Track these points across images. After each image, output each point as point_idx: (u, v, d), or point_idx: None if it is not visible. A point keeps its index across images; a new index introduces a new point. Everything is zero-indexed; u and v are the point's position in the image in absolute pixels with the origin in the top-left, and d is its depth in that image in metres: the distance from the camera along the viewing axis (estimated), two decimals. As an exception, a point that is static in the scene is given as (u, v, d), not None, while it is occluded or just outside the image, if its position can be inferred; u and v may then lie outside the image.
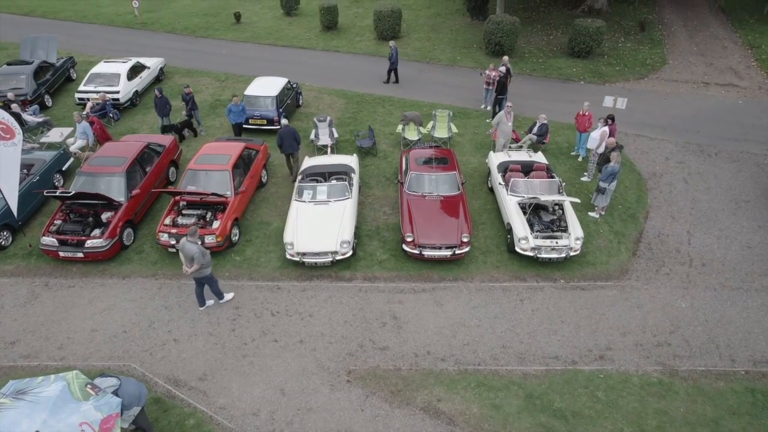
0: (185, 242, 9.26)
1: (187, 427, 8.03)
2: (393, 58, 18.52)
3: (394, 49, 18.43)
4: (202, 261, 9.26)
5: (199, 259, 9.20)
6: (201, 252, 9.24)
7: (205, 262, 9.36)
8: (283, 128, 12.95)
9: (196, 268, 9.25)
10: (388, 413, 8.23)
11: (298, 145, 13.11)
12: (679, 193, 13.36)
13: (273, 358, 9.11)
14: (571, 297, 10.34)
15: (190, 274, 9.34)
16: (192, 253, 9.17)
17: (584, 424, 8.04)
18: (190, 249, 9.20)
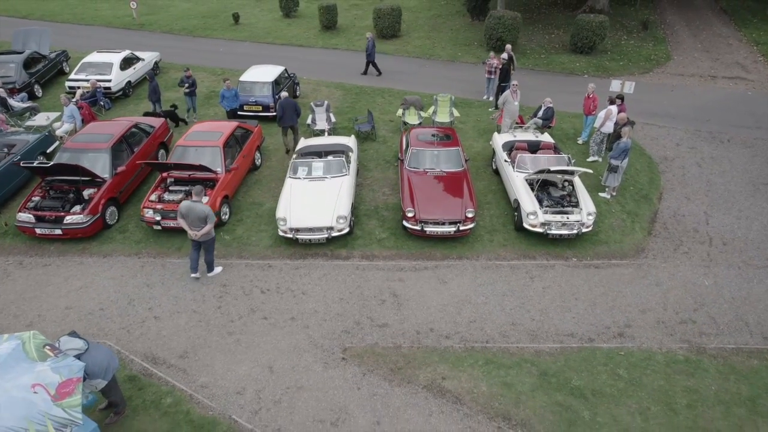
0: (192, 203, 8.79)
1: (163, 405, 7.21)
2: (369, 49, 18.17)
3: (371, 40, 18.10)
4: (213, 219, 8.85)
5: (212, 217, 8.78)
6: (212, 213, 8.85)
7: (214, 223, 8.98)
8: (283, 99, 12.53)
9: (209, 228, 8.82)
10: (388, 391, 7.42)
11: (297, 117, 12.85)
12: (692, 176, 12.73)
13: (262, 335, 8.34)
14: (584, 275, 9.61)
15: (199, 236, 8.86)
16: (204, 212, 8.73)
17: (606, 402, 7.23)
18: (201, 208, 8.76)
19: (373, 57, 18.35)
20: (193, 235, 8.87)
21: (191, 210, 8.74)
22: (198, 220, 8.77)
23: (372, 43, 18.06)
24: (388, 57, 20.96)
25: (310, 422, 6.99)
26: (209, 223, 8.81)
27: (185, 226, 8.87)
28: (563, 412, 7.09)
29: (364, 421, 7.00)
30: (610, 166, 11.13)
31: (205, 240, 9.09)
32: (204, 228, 8.80)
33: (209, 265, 9.47)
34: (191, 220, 8.81)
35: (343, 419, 7.04)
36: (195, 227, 8.81)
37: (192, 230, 8.84)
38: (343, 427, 6.93)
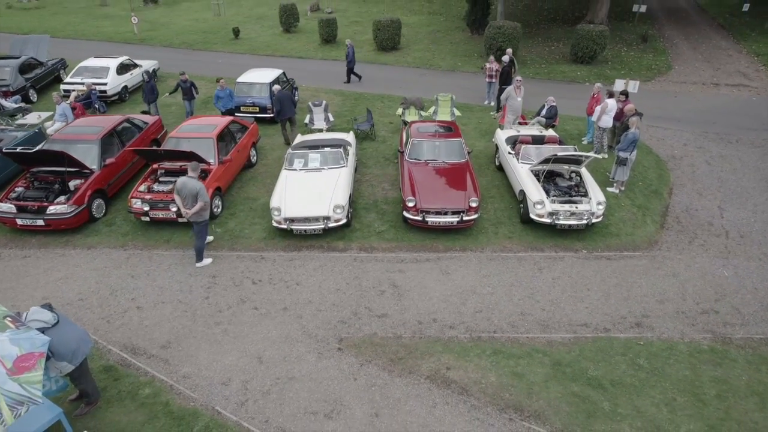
0: (186, 179, 8.46)
1: (140, 396, 6.56)
2: (350, 56, 18.06)
3: (351, 47, 18.00)
4: (206, 198, 8.44)
5: (203, 195, 8.37)
6: (206, 191, 8.48)
7: (206, 204, 8.57)
8: (278, 92, 12.33)
9: (200, 206, 8.42)
10: (387, 382, 6.78)
11: (295, 107, 12.67)
12: (703, 173, 12.30)
13: (251, 326, 7.73)
14: (595, 266, 9.05)
15: (190, 215, 8.49)
16: (196, 189, 8.36)
17: (627, 393, 6.58)
18: (194, 184, 8.39)
19: (353, 64, 18.23)
20: (184, 213, 8.49)
21: (185, 185, 8.43)
22: (191, 197, 8.40)
23: (352, 51, 17.97)
24: (388, 67, 20.89)
25: (302, 414, 6.34)
26: (200, 201, 8.37)
27: (179, 203, 8.54)
28: (580, 402, 6.44)
29: (361, 412, 6.35)
30: (619, 159, 10.70)
31: (196, 222, 8.67)
32: (195, 206, 8.39)
33: (198, 254, 8.96)
34: (185, 197, 8.47)
35: (338, 411, 6.38)
36: (188, 206, 8.45)
37: (184, 208, 8.48)
38: (338, 419, 6.28)
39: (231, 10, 31.12)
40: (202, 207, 8.48)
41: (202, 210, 8.57)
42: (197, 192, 8.36)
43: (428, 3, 30.51)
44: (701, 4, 30.34)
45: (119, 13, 31.51)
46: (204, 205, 8.48)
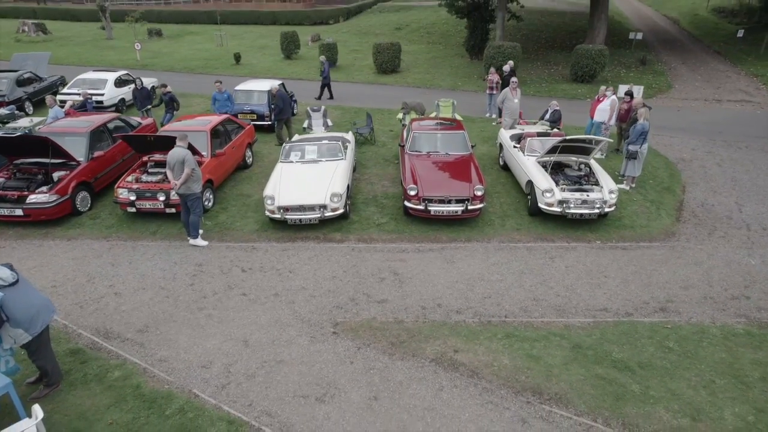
0: (174, 149, 8.20)
1: (108, 379, 5.80)
2: (325, 72, 18.03)
3: (326, 64, 18.00)
4: (193, 165, 8.09)
5: (190, 162, 8.02)
6: (194, 159, 8.13)
7: (196, 175, 8.22)
8: (277, 92, 12.27)
9: (187, 173, 8.04)
10: (387, 365, 6.03)
11: (292, 111, 12.41)
12: (715, 173, 11.86)
13: (238, 311, 7.03)
14: (611, 255, 8.43)
15: (179, 186, 8.15)
16: (182, 155, 8.03)
17: (658, 375, 5.83)
18: (180, 152, 8.08)
19: (328, 80, 18.18)
20: (174, 185, 8.15)
21: (172, 155, 8.14)
22: (179, 166, 8.08)
23: (327, 67, 17.95)
24: (388, 86, 20.90)
25: (291, 398, 5.57)
26: (187, 168, 7.98)
27: (170, 176, 8.24)
28: (606, 385, 5.69)
29: (357, 396, 5.59)
30: (628, 153, 10.27)
31: (187, 195, 8.29)
32: (182, 175, 8.04)
33: (193, 228, 8.51)
34: (173, 167, 8.17)
35: (332, 394, 5.62)
36: (177, 175, 8.14)
37: (173, 181, 8.15)
38: (331, 403, 5.51)
39: (233, 41, 31.71)
40: (190, 174, 8.07)
41: (191, 181, 8.16)
42: (184, 159, 7.94)
43: (427, 34, 31.10)
44: (695, 34, 30.92)
45: (124, 44, 32.07)
46: (191, 172, 8.07)
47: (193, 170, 8.17)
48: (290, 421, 5.28)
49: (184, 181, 8.16)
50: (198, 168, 8.45)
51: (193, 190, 8.33)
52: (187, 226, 8.69)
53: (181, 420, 5.25)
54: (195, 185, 8.34)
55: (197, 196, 8.42)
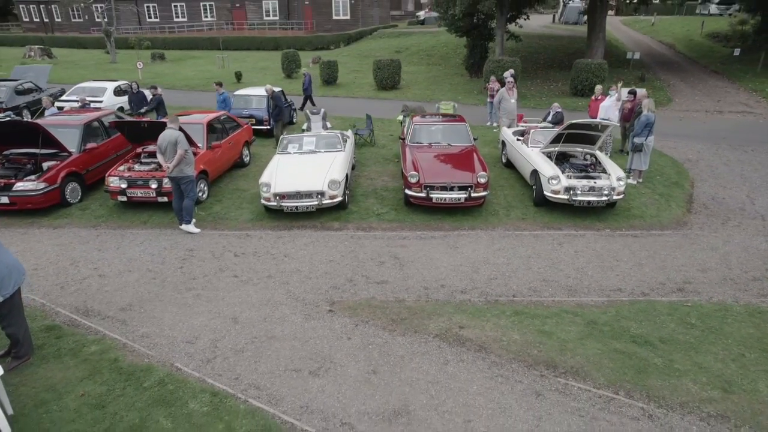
0: (166, 131, 8.01)
1: (84, 353, 5.33)
2: (306, 85, 17.99)
3: (307, 76, 18.00)
4: (187, 146, 7.86)
5: (182, 143, 7.77)
6: (185, 140, 7.86)
7: (189, 158, 7.98)
8: (273, 93, 12.11)
9: (179, 155, 7.78)
10: (387, 341, 5.58)
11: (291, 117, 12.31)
12: (722, 172, 11.57)
13: (228, 290, 6.61)
14: (621, 242, 8.05)
15: (171, 169, 7.89)
16: (174, 136, 7.80)
17: (682, 350, 5.36)
18: (172, 133, 7.86)
19: (309, 92, 18.12)
20: (166, 168, 7.91)
21: (164, 138, 7.90)
22: (171, 148, 7.83)
23: (308, 79, 17.94)
24: (388, 101, 20.89)
25: (282, 371, 5.10)
26: (179, 150, 7.68)
27: (161, 161, 8.02)
28: (626, 359, 5.22)
29: (355, 370, 5.12)
30: (634, 145, 10.01)
31: (180, 178, 8.01)
32: (175, 157, 7.77)
33: (186, 213, 8.16)
34: (165, 150, 7.94)
35: (327, 368, 5.15)
36: (169, 158, 7.90)
37: (166, 163, 7.89)
38: (326, 376, 5.03)
39: (235, 63, 32.08)
40: (183, 156, 7.78)
41: (184, 164, 7.90)
42: (176, 140, 7.68)
43: (427, 56, 31.49)
44: (692, 57, 31.31)
45: (127, 67, 32.45)
46: (184, 153, 7.78)
47: (186, 151, 7.91)
48: (280, 393, 4.80)
49: (177, 163, 7.88)
50: (191, 150, 8.20)
51: (186, 173, 8.05)
52: (179, 212, 8.35)
53: (160, 392, 4.77)
54: (188, 168, 8.06)
55: (191, 179, 8.12)
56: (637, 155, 10.08)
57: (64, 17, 51.33)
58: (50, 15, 52.25)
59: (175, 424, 4.39)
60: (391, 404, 4.67)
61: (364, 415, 4.54)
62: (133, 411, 4.53)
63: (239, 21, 44.58)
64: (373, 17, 45.42)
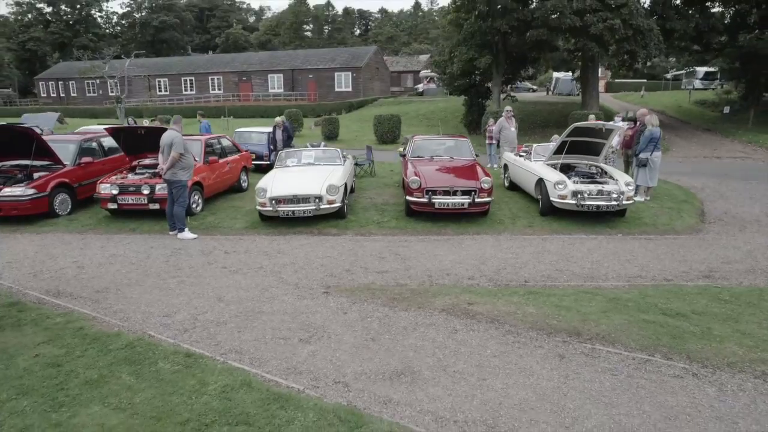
0: (168, 131, 7.82)
1: (47, 323, 4.74)
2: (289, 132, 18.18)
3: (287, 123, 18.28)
4: (181, 149, 7.55)
5: (179, 145, 7.48)
6: (183, 142, 7.62)
7: (185, 163, 7.70)
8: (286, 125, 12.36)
9: (173, 157, 7.50)
10: (388, 315, 4.99)
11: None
12: (731, 195, 11.29)
13: (216, 278, 6.07)
14: (636, 243, 7.59)
15: (166, 171, 7.63)
16: (171, 138, 7.54)
17: (719, 320, 4.77)
18: (169, 134, 7.63)
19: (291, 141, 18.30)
20: (161, 170, 7.70)
21: (164, 138, 7.73)
22: (168, 150, 7.58)
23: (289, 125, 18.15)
24: (389, 152, 21.14)
25: (268, 339, 4.50)
26: (174, 152, 7.38)
27: (160, 161, 7.82)
28: (657, 327, 4.62)
29: (351, 338, 4.51)
30: (639, 161, 9.83)
31: (172, 182, 7.68)
32: (170, 158, 7.48)
33: (178, 221, 7.72)
34: (164, 152, 7.73)
35: (320, 336, 4.55)
36: (166, 159, 7.66)
37: (161, 165, 7.69)
38: (318, 343, 4.43)
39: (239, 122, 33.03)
40: (176, 159, 7.48)
41: (179, 167, 7.59)
42: (171, 141, 7.45)
43: (426, 119, 32.47)
44: (683, 119, 32.30)
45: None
46: (177, 156, 7.49)
47: (181, 155, 7.67)
48: (264, 357, 4.18)
49: (170, 165, 7.63)
50: (190, 155, 8.00)
51: (179, 177, 7.77)
52: (170, 218, 7.98)
53: (126, 353, 4.16)
54: (182, 173, 7.79)
55: (183, 185, 7.82)
56: (642, 170, 9.87)
57: (80, 92, 53.81)
58: (66, 90, 54.83)
59: (140, 380, 3.75)
60: (393, 366, 4.04)
61: (361, 375, 3.90)
62: (93, 369, 3.91)
63: (245, 93, 46.62)
64: (374, 90, 47.56)
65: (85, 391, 3.61)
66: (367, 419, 3.32)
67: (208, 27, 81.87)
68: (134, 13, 75.85)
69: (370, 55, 47.08)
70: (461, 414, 3.41)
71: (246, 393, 3.58)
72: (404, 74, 58.73)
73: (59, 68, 57.84)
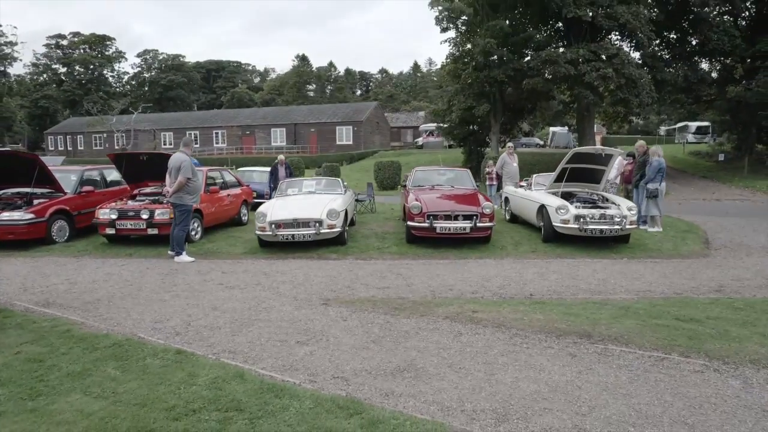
0: (175, 154, 7.87)
1: (33, 327, 4.52)
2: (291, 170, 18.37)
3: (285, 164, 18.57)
4: (189, 174, 7.52)
5: (186, 170, 7.45)
6: (192, 166, 7.61)
7: (193, 188, 7.70)
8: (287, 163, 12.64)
9: (179, 182, 7.46)
10: (390, 321, 4.79)
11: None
12: (734, 228, 11.20)
13: (211, 293, 5.89)
14: (643, 265, 7.43)
15: (171, 193, 7.62)
16: (179, 162, 7.52)
17: (736, 325, 4.56)
18: (177, 157, 7.64)
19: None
20: (165, 192, 7.75)
21: (171, 161, 7.77)
22: (175, 174, 7.59)
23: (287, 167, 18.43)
24: (389, 196, 21.27)
25: (264, 341, 4.28)
26: (181, 176, 7.38)
27: (167, 183, 7.79)
28: (672, 330, 4.41)
29: (351, 340, 4.30)
30: (648, 192, 9.80)
31: (176, 204, 7.64)
32: (176, 182, 7.48)
33: (177, 244, 7.58)
34: (171, 174, 7.73)
35: (318, 339, 4.33)
36: (173, 182, 7.68)
37: (167, 187, 7.75)
38: (316, 345, 4.21)
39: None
40: (183, 184, 7.45)
41: (184, 191, 7.54)
42: (179, 165, 7.44)
43: (426, 169, 32.96)
44: (679, 168, 32.78)
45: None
46: (184, 180, 7.46)
47: (188, 180, 7.65)
48: (259, 356, 3.96)
49: (176, 190, 7.61)
50: (198, 180, 8.00)
51: (184, 201, 7.72)
52: (172, 240, 7.87)
53: (114, 351, 3.94)
54: (187, 197, 7.74)
55: (186, 209, 7.77)
56: (653, 201, 9.84)
57: (87, 145, 55.02)
58: (74, 144, 56.11)
59: (125, 373, 3.53)
60: (395, 363, 3.81)
61: (362, 372, 3.67)
62: (76, 364, 3.68)
63: (248, 146, 47.65)
64: (375, 143, 48.62)
65: (67, 382, 3.38)
66: (367, 407, 3.07)
67: (214, 87, 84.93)
68: (144, 73, 78.98)
69: (371, 110, 48.55)
70: (469, 404, 3.17)
71: (238, 384, 3.35)
72: (404, 129, 60.28)
73: (68, 123, 59.55)
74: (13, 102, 63.48)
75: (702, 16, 23.05)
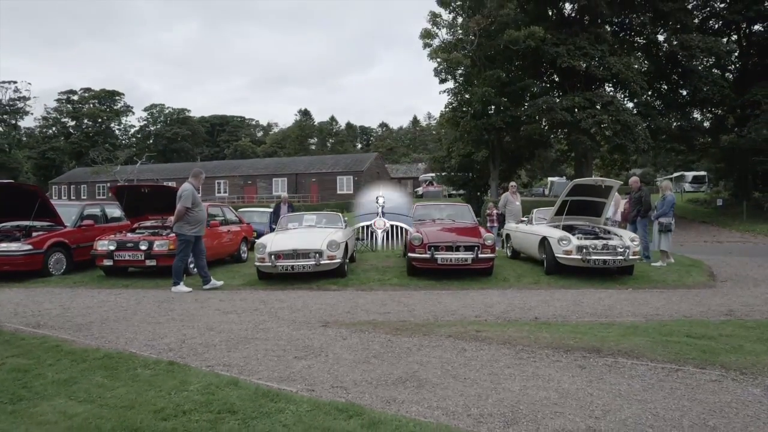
0: (185, 183, 7.78)
1: (20, 343, 4.36)
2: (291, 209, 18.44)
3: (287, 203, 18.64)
4: (188, 203, 7.40)
5: (186, 198, 7.36)
6: (193, 195, 7.48)
7: (194, 218, 7.54)
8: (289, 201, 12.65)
9: (180, 210, 7.38)
10: (391, 340, 4.62)
11: None
12: (737, 265, 11.07)
13: (208, 317, 5.72)
14: (649, 294, 7.28)
15: (174, 223, 7.62)
16: (181, 190, 7.49)
17: (752, 340, 4.41)
18: (182, 186, 7.61)
19: None
20: (170, 222, 7.77)
21: (180, 190, 7.64)
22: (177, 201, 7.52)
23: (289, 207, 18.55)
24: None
25: (260, 356, 4.11)
26: (180, 204, 7.32)
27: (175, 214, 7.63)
28: (684, 345, 4.25)
29: (351, 355, 4.13)
30: (662, 226, 9.80)
31: (177, 234, 7.58)
32: (175, 212, 7.42)
33: (175, 274, 7.48)
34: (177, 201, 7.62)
35: (316, 354, 4.17)
36: None
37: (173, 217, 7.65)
38: (315, 359, 4.04)
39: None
40: (182, 212, 7.39)
41: (184, 221, 7.46)
42: (181, 194, 7.42)
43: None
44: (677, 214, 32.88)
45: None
46: (183, 209, 7.39)
47: (187, 209, 7.62)
48: (255, 369, 3.79)
49: (176, 219, 7.57)
50: (201, 211, 7.90)
51: (183, 231, 7.64)
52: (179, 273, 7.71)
53: (104, 362, 3.78)
54: (187, 227, 7.63)
55: (185, 240, 7.68)
56: (665, 235, 9.82)
57: (90, 195, 55.55)
58: (78, 194, 56.68)
59: (114, 380, 3.36)
60: (396, 375, 3.64)
61: (362, 382, 3.50)
62: (63, 373, 3.52)
63: (250, 195, 48.10)
64: (375, 192, 49.09)
65: (51, 388, 3.22)
66: (368, 410, 2.90)
67: (218, 140, 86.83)
68: (149, 126, 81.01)
69: (372, 161, 49.39)
70: (476, 409, 3.00)
71: (232, 390, 3.18)
72: (404, 180, 61.06)
73: (73, 173, 60.46)
74: (21, 153, 64.78)
75: (690, 68, 23.92)
